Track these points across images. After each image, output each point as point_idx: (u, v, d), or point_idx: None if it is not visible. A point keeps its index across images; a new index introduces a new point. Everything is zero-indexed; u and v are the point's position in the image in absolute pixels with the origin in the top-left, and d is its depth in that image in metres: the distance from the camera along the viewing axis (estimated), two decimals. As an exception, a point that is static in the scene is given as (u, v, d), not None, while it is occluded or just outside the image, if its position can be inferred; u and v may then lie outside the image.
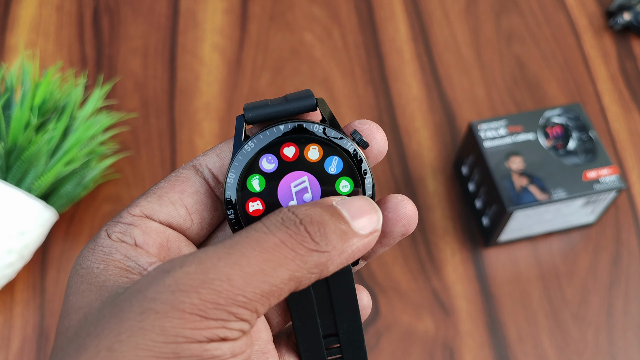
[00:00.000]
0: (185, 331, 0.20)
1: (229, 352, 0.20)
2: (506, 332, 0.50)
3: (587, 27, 0.66)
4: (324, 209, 0.22)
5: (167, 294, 0.20)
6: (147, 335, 0.20)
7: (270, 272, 0.21)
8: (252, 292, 0.20)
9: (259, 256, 0.21)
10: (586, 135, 0.52)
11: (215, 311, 0.20)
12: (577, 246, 0.54)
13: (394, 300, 0.51)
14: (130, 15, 0.65)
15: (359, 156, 0.25)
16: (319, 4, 0.66)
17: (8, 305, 0.50)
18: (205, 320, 0.20)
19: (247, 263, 0.21)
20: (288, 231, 0.21)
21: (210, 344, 0.20)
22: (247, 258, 0.21)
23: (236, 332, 0.21)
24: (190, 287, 0.20)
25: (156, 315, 0.20)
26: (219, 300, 0.20)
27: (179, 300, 0.20)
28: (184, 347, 0.20)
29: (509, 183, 0.49)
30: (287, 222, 0.22)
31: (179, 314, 0.20)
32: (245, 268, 0.21)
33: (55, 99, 0.51)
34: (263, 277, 0.21)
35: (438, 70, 0.63)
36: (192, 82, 0.61)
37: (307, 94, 0.25)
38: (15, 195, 0.46)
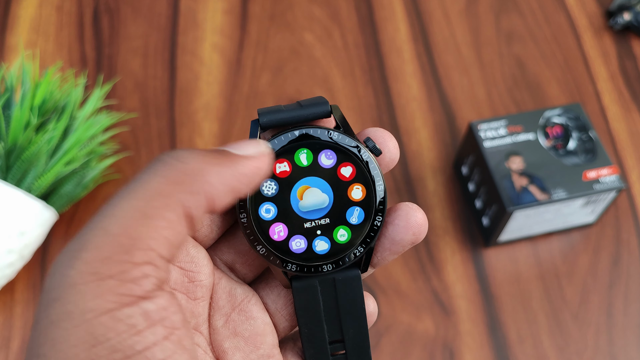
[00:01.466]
0: (87, 304, 0.19)
1: (142, 318, 0.19)
2: (506, 332, 0.50)
3: (587, 27, 0.66)
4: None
5: (57, 276, 0.19)
6: (58, 326, 0.19)
7: (144, 206, 0.20)
8: (133, 231, 0.19)
9: (129, 198, 0.20)
10: (586, 135, 0.52)
11: (106, 266, 0.19)
12: (577, 246, 0.54)
13: (394, 300, 0.51)
14: (130, 15, 0.65)
15: (372, 163, 0.25)
16: (319, 4, 0.66)
17: (8, 305, 0.50)
18: (101, 282, 0.19)
19: (119, 209, 0.20)
20: (154, 167, 0.21)
21: (121, 311, 0.19)
22: (119, 205, 0.20)
23: (142, 280, 0.19)
24: (72, 258, 0.19)
25: (57, 302, 0.19)
26: (103, 254, 0.19)
27: (66, 276, 0.19)
28: (95, 324, 0.19)
29: (509, 183, 0.49)
30: (153, 161, 0.21)
31: (74, 290, 0.19)
32: (118, 214, 0.20)
33: (55, 99, 0.51)
34: (137, 213, 0.20)
35: (438, 70, 0.63)
36: (192, 82, 0.61)
37: (322, 100, 0.26)
38: (15, 195, 0.46)
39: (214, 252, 0.27)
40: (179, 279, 0.24)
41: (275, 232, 0.25)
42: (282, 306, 0.27)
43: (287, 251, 0.25)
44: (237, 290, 0.26)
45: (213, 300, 0.26)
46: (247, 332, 0.26)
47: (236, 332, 0.26)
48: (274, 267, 0.26)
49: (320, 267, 0.26)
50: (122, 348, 0.19)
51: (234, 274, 0.27)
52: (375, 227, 0.26)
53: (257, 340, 0.26)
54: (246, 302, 0.26)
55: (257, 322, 0.26)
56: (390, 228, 0.26)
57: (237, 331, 0.26)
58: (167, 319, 0.20)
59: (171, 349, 0.20)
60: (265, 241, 0.25)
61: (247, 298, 0.26)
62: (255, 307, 0.26)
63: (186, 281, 0.24)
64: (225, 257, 0.27)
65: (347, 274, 0.26)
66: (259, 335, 0.26)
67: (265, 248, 0.25)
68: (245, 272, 0.27)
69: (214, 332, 0.26)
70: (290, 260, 0.25)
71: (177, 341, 0.20)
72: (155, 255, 0.20)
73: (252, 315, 0.26)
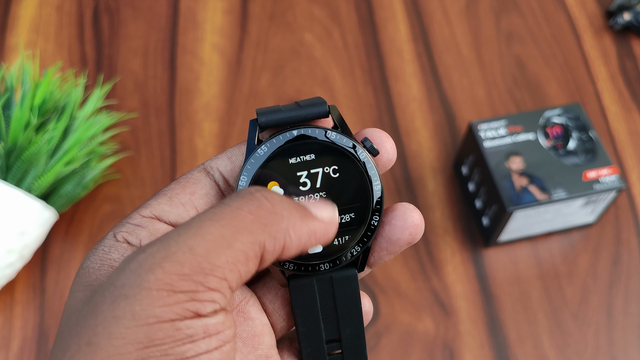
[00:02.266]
0: (154, 310, 0.20)
1: (201, 330, 0.20)
2: (506, 332, 0.50)
3: (587, 27, 0.66)
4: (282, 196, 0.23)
5: (133, 277, 0.20)
6: (119, 322, 0.20)
7: (231, 236, 0.21)
8: (216, 258, 0.20)
9: (217, 224, 0.21)
10: (586, 135, 0.52)
11: (182, 282, 0.20)
12: (577, 246, 0.54)
13: (394, 300, 0.51)
14: (130, 15, 0.65)
15: (368, 163, 0.25)
16: (319, 4, 0.66)
17: (8, 305, 0.50)
18: (172, 294, 0.20)
19: (206, 232, 0.21)
20: (244, 199, 0.22)
21: (183, 322, 0.20)
22: (206, 227, 0.21)
23: (208, 304, 0.20)
24: (153, 264, 0.20)
25: (126, 300, 0.20)
26: (184, 270, 0.20)
27: (144, 280, 0.20)
28: (155, 329, 0.19)
29: (509, 183, 0.49)
30: (243, 192, 0.22)
31: (146, 293, 0.20)
32: (206, 236, 0.21)
33: (55, 99, 0.51)
34: (224, 242, 0.21)
35: (438, 70, 0.63)
36: (192, 82, 0.61)
37: (320, 100, 0.26)
38: (15, 195, 0.46)
39: None
40: None
41: None
42: (279, 306, 0.27)
43: None
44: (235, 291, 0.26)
45: None
46: (245, 333, 0.26)
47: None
48: (271, 266, 0.26)
49: (318, 266, 0.26)
50: (173, 353, 0.20)
51: None
52: (372, 227, 0.26)
53: (255, 341, 0.26)
54: (244, 303, 0.26)
55: (255, 323, 0.26)
56: (387, 228, 0.26)
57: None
58: (222, 332, 0.21)
59: (217, 358, 0.21)
60: None
61: (246, 299, 0.26)
62: (253, 308, 0.26)
63: None
64: None
65: (344, 273, 0.26)
66: (257, 336, 0.26)
67: None
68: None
69: None
70: (287, 259, 0.25)
71: (225, 352, 0.21)
72: (226, 286, 0.21)
73: (250, 316, 0.26)
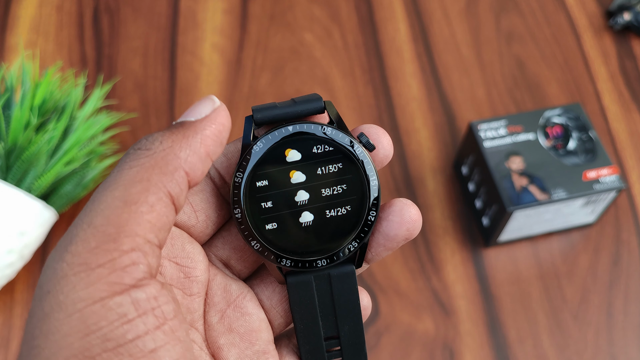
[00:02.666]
0: (78, 294, 0.19)
1: (132, 306, 0.19)
2: (506, 332, 0.50)
3: (587, 27, 0.66)
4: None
5: (49, 271, 0.20)
6: (50, 317, 0.19)
7: (123, 196, 0.20)
8: (116, 220, 0.20)
9: (107, 191, 0.21)
10: (586, 135, 0.52)
11: (94, 256, 0.19)
12: (577, 246, 0.54)
13: (394, 300, 0.51)
14: (130, 15, 0.65)
15: (365, 158, 0.25)
16: (319, 4, 0.66)
17: (8, 305, 0.50)
18: (91, 271, 0.19)
19: (99, 202, 0.20)
20: (123, 158, 0.22)
21: (112, 300, 0.19)
22: (98, 199, 0.21)
23: (131, 268, 0.20)
24: (61, 252, 0.20)
25: (49, 295, 0.19)
26: (91, 245, 0.19)
27: (58, 270, 0.19)
28: (87, 313, 0.19)
29: (509, 183, 0.49)
30: (124, 154, 0.22)
31: (65, 281, 0.19)
32: (100, 206, 0.20)
33: (55, 99, 0.51)
34: (118, 203, 0.20)
35: (438, 70, 0.63)
36: (192, 82, 0.61)
37: (315, 97, 0.26)
38: (15, 195, 0.46)
39: (209, 249, 0.27)
40: (175, 274, 0.24)
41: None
42: (277, 302, 0.27)
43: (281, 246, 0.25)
44: (232, 286, 0.26)
45: (208, 297, 0.26)
46: (242, 329, 0.26)
47: (231, 329, 0.26)
48: (268, 262, 0.26)
49: (315, 263, 0.26)
50: (114, 337, 0.19)
51: (229, 270, 0.27)
52: (369, 222, 0.26)
53: (252, 336, 0.26)
54: (241, 298, 0.26)
55: (253, 318, 0.26)
56: (384, 224, 0.26)
57: (232, 327, 0.26)
58: (157, 308, 0.20)
59: (163, 339, 0.20)
60: (259, 236, 0.25)
61: (242, 294, 0.26)
62: (250, 303, 0.26)
63: (182, 277, 0.25)
64: (220, 253, 0.27)
65: (341, 270, 0.26)
66: (254, 332, 0.26)
67: (260, 243, 0.25)
68: (241, 269, 0.27)
69: (209, 329, 0.26)
70: (284, 256, 0.25)
71: (169, 332, 0.20)
72: (142, 241, 0.20)
73: (247, 312, 0.26)
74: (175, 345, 0.20)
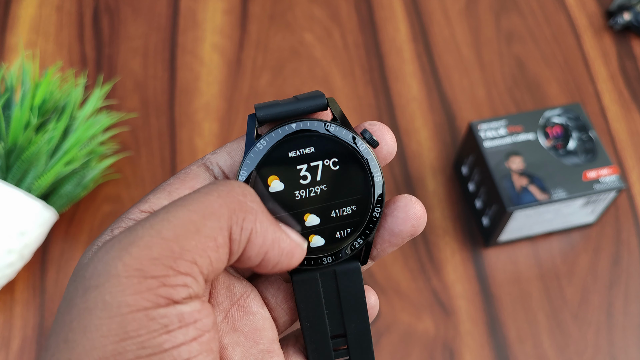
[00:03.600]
0: (126, 298, 0.19)
1: (176, 319, 0.20)
2: (506, 332, 0.50)
3: (587, 27, 0.66)
4: None
5: (101, 264, 0.20)
6: (92, 314, 0.19)
7: (199, 221, 0.20)
8: (185, 242, 0.20)
9: (186, 208, 0.21)
10: (586, 135, 0.52)
11: (152, 267, 0.19)
12: (577, 246, 0.54)
13: (394, 300, 0.51)
14: (130, 15, 0.65)
15: (369, 155, 0.25)
16: (319, 4, 0.66)
17: (8, 305, 0.50)
18: (143, 280, 0.19)
19: (174, 216, 0.20)
20: (215, 184, 0.22)
21: (157, 311, 0.19)
22: (175, 212, 0.21)
23: (180, 289, 0.20)
24: (121, 250, 0.20)
25: (96, 290, 0.19)
26: (152, 254, 0.20)
27: (112, 266, 0.19)
28: (129, 319, 0.19)
29: (509, 183, 0.49)
30: (216, 180, 0.22)
31: (116, 281, 0.19)
32: (174, 221, 0.20)
33: (55, 99, 0.51)
34: (192, 227, 0.20)
35: (438, 70, 0.63)
36: (192, 82, 0.61)
37: (318, 94, 0.26)
38: (15, 195, 0.46)
39: None
40: None
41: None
42: (281, 300, 0.27)
43: None
44: (235, 285, 0.26)
45: (212, 296, 0.26)
46: (246, 328, 0.26)
47: (235, 328, 0.26)
48: None
49: (320, 260, 0.26)
50: (150, 345, 0.19)
51: (232, 269, 0.27)
52: (374, 219, 0.26)
53: (256, 335, 0.26)
54: (245, 297, 0.26)
55: (257, 317, 0.26)
56: (389, 220, 0.26)
57: (236, 326, 0.26)
58: (199, 321, 0.20)
59: (197, 350, 0.20)
60: None
61: (246, 293, 0.26)
62: (254, 302, 0.26)
63: None
64: None
65: (347, 267, 0.26)
66: (258, 330, 0.26)
67: None
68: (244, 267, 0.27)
69: None
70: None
71: (205, 342, 0.21)
72: (197, 271, 0.20)
73: (251, 311, 0.26)
74: (207, 355, 0.21)
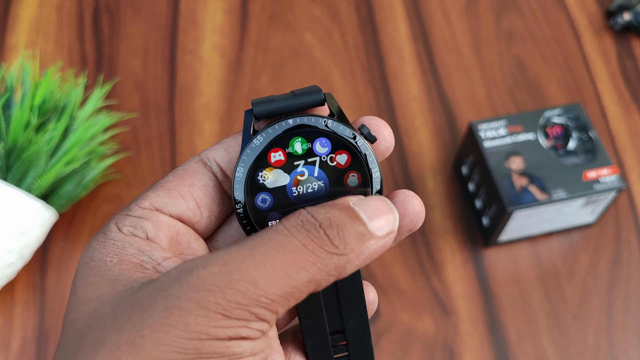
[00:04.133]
0: (208, 329, 0.20)
1: (249, 350, 0.21)
2: (506, 332, 0.50)
3: (587, 27, 0.66)
4: (342, 211, 0.23)
5: (192, 292, 0.20)
6: (170, 331, 0.20)
7: (293, 274, 0.21)
8: (275, 294, 0.21)
9: (282, 259, 0.21)
10: (586, 135, 0.52)
11: (239, 311, 0.20)
12: (577, 246, 0.54)
13: (394, 300, 0.51)
14: (130, 15, 0.65)
15: (367, 150, 0.25)
16: (319, 4, 0.66)
17: (8, 305, 0.50)
18: (228, 319, 0.20)
19: (270, 265, 0.21)
20: (309, 234, 0.22)
21: (232, 342, 0.21)
22: (271, 261, 0.21)
23: (257, 332, 0.21)
24: (216, 287, 0.20)
25: (180, 312, 0.20)
26: (243, 301, 0.21)
27: (204, 299, 0.20)
28: (206, 344, 0.20)
29: (509, 183, 0.49)
30: (307, 225, 0.22)
31: (204, 312, 0.20)
32: (269, 270, 0.21)
33: (55, 99, 0.51)
34: (285, 280, 0.21)
35: (438, 70, 0.63)
36: (192, 82, 0.61)
37: (315, 89, 0.26)
38: (15, 195, 0.46)
39: (210, 244, 0.27)
40: None
41: (272, 222, 0.25)
42: None
43: None
44: None
45: None
46: None
47: None
48: None
49: None
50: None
51: None
52: None
53: None
54: None
55: None
56: None
57: None
58: (264, 351, 0.22)
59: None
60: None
61: None
62: None
63: None
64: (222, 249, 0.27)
65: None
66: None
67: None
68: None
69: None
70: None
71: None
72: (275, 317, 0.22)
73: None
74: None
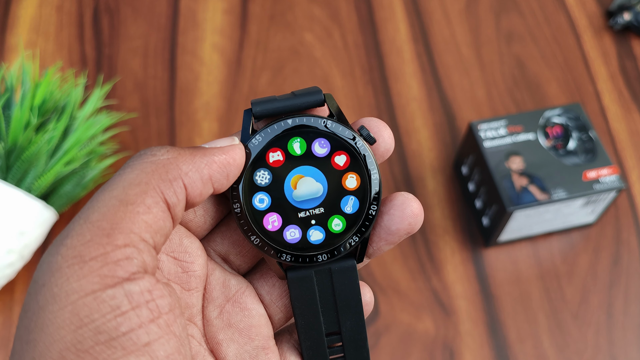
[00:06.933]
0: (72, 285, 0.19)
1: (125, 299, 0.19)
2: (506, 332, 0.50)
3: (587, 27, 0.66)
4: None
5: (45, 265, 0.20)
6: (45, 310, 0.19)
7: (121, 195, 0.21)
8: (112, 217, 0.20)
9: (106, 191, 0.21)
10: (586, 135, 0.52)
11: (88, 249, 0.20)
12: (577, 246, 0.54)
13: (394, 300, 0.51)
14: (130, 15, 0.65)
15: (366, 152, 0.25)
16: (319, 4, 0.66)
17: (8, 305, 0.50)
18: (84, 264, 0.19)
19: (97, 200, 0.21)
20: (129, 161, 0.22)
21: (105, 292, 0.19)
22: (97, 197, 0.21)
23: (124, 262, 0.20)
24: (58, 246, 0.20)
25: (44, 287, 0.20)
26: (85, 238, 0.20)
27: (53, 262, 0.20)
28: (79, 305, 0.19)
29: (509, 183, 0.49)
30: (130, 157, 0.23)
31: (59, 274, 0.19)
32: (98, 204, 0.21)
33: (55, 99, 0.51)
34: (116, 202, 0.21)
35: (438, 70, 0.63)
36: (192, 82, 0.61)
37: (315, 89, 0.26)
38: (15, 195, 0.46)
39: (208, 243, 0.27)
40: (173, 269, 0.24)
41: (269, 222, 0.25)
42: (277, 297, 0.27)
43: (282, 241, 0.25)
44: (231, 281, 0.26)
45: (207, 292, 0.26)
46: (241, 324, 0.26)
47: (230, 324, 0.26)
48: (268, 257, 0.25)
49: (315, 257, 0.25)
50: (106, 329, 0.19)
51: (228, 265, 0.27)
52: (370, 217, 0.25)
53: (251, 331, 0.26)
54: (240, 293, 0.26)
55: (252, 314, 0.26)
56: (385, 218, 0.26)
57: (231, 322, 0.26)
58: (151, 301, 0.20)
59: (157, 333, 0.20)
60: (259, 231, 0.25)
61: (242, 289, 0.26)
62: (249, 298, 0.26)
63: (180, 271, 0.25)
64: (219, 248, 0.27)
65: (342, 264, 0.26)
66: (253, 327, 0.26)
67: (259, 238, 0.25)
68: (240, 263, 0.27)
69: (207, 324, 0.26)
70: (284, 251, 0.25)
71: (164, 325, 0.20)
72: (136, 238, 0.20)
73: (246, 307, 0.26)
74: (169, 339, 0.20)
